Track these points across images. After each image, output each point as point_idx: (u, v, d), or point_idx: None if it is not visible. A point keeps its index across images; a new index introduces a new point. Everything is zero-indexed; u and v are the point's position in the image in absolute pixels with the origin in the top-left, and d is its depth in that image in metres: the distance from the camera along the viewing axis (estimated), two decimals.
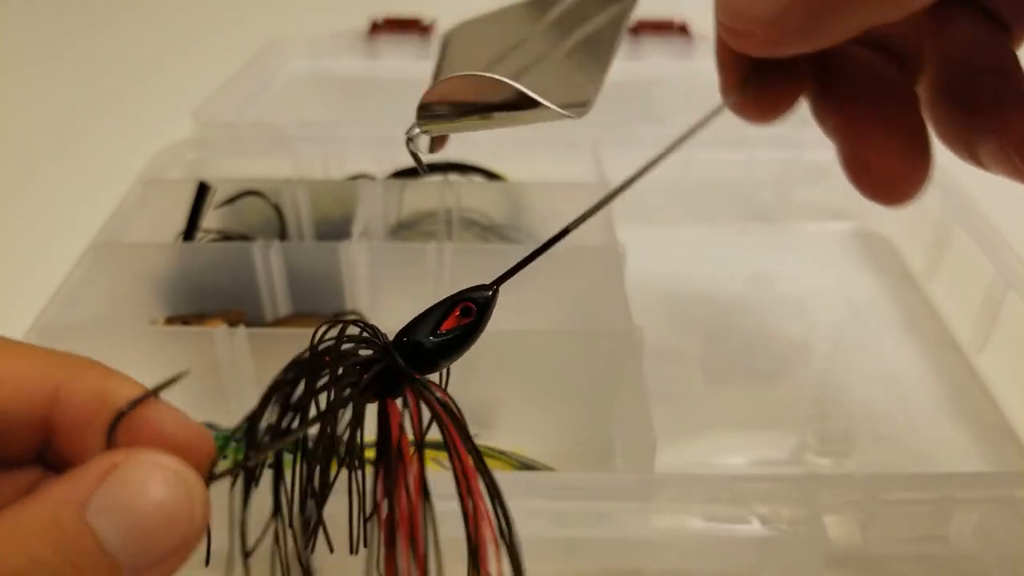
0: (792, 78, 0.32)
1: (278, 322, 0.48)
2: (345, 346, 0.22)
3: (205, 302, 0.47)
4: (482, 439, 0.23)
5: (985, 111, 0.29)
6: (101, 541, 0.18)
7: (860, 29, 0.26)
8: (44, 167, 0.69)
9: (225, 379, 0.41)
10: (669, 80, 0.77)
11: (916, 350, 0.51)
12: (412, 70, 0.79)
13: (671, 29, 0.81)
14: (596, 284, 0.45)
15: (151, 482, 0.19)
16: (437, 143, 0.28)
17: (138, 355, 0.42)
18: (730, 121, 0.33)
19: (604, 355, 0.41)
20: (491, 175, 0.56)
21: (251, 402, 0.21)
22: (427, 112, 0.26)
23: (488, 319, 0.24)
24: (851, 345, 0.52)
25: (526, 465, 0.39)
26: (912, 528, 0.34)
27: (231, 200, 0.51)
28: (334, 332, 0.23)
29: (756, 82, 0.31)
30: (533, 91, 0.24)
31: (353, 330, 0.23)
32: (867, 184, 0.30)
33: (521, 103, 0.25)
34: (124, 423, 0.20)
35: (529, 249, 0.25)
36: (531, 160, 0.57)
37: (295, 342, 0.23)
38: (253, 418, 0.21)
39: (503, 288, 0.24)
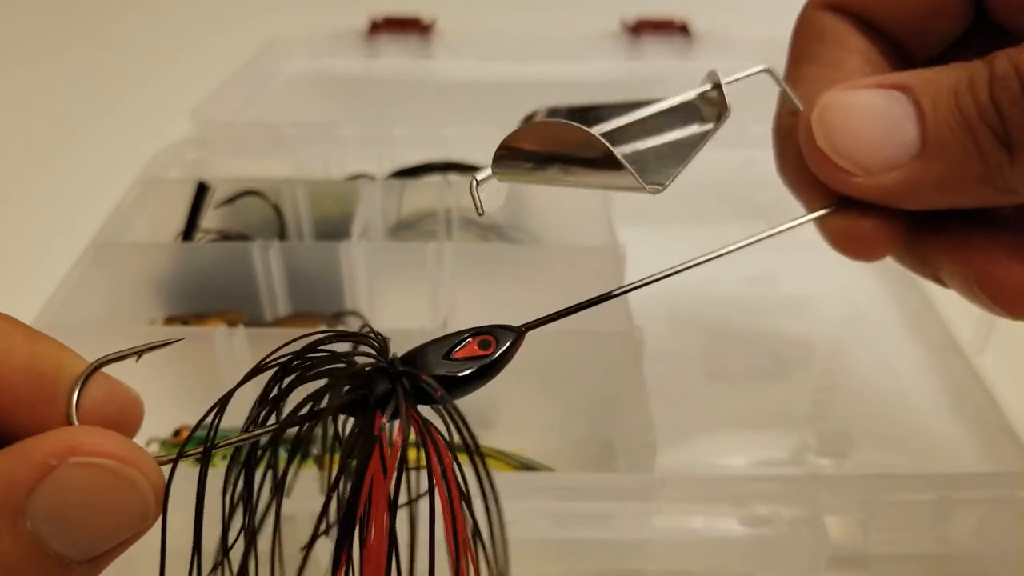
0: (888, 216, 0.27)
1: (277, 322, 0.48)
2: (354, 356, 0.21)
3: (205, 302, 0.47)
4: (482, 439, 0.22)
5: (957, 234, 0.27)
6: (46, 544, 0.17)
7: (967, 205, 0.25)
8: (44, 167, 0.69)
9: (224, 379, 0.41)
10: (669, 80, 0.77)
11: (917, 350, 0.51)
12: (412, 70, 0.79)
13: (671, 29, 0.81)
14: (596, 284, 0.45)
15: (95, 485, 0.17)
16: (495, 196, 0.27)
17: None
18: (730, 121, 0.33)
19: (604, 355, 0.41)
20: None
21: (251, 403, 0.21)
22: (504, 157, 0.24)
23: (508, 360, 0.22)
24: (852, 345, 0.52)
25: (526, 465, 0.39)
26: (912, 528, 0.34)
27: (231, 200, 0.51)
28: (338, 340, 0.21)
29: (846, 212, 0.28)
30: (618, 154, 0.24)
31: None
32: (1012, 301, 0.26)
33: (604, 162, 0.24)
34: (60, 395, 0.19)
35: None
36: None
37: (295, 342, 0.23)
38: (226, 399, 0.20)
39: (505, 285, 0.23)
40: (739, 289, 0.56)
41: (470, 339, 0.22)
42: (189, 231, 0.50)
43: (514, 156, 0.24)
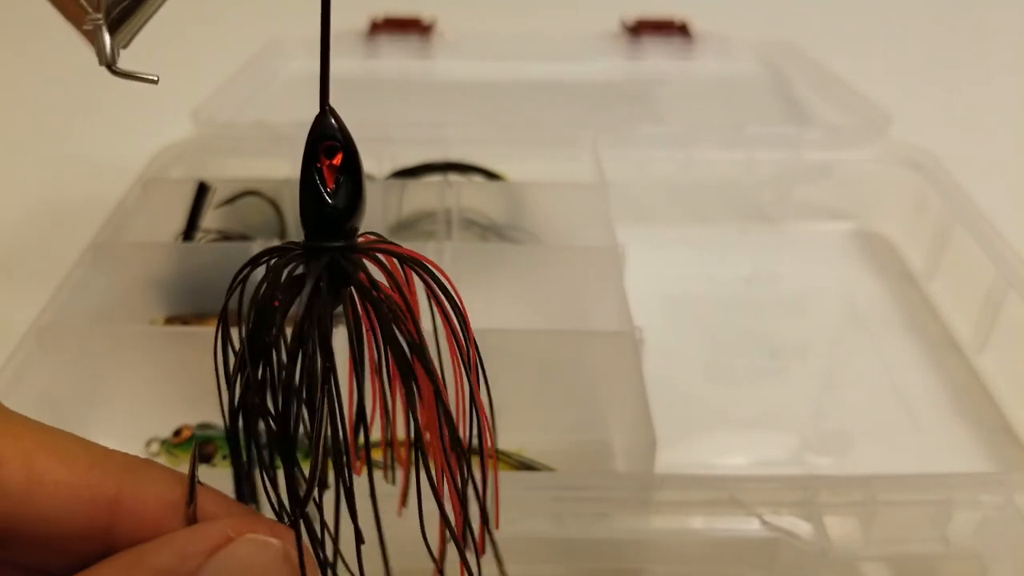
0: None
1: None
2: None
3: (205, 302, 0.47)
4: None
5: None
6: None
7: None
8: (44, 167, 0.69)
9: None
10: (669, 80, 0.77)
11: (916, 350, 0.51)
12: (412, 70, 0.79)
13: (671, 29, 0.81)
14: (596, 284, 0.45)
15: (261, 562, 0.19)
16: (120, 35, 0.26)
17: (138, 355, 0.42)
18: (730, 121, 0.33)
19: (604, 355, 0.41)
20: (491, 175, 0.56)
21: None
22: (116, 24, 0.24)
23: (352, 140, 0.22)
24: (851, 345, 0.52)
25: (526, 465, 0.39)
26: (912, 528, 0.34)
27: (231, 200, 0.51)
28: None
29: None
30: None
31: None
32: None
33: None
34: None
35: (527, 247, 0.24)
36: (531, 160, 0.57)
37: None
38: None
39: (505, 285, 0.23)
40: (739, 289, 0.56)
41: (319, 162, 0.21)
42: (189, 231, 0.50)
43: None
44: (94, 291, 0.44)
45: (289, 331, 0.20)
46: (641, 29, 0.80)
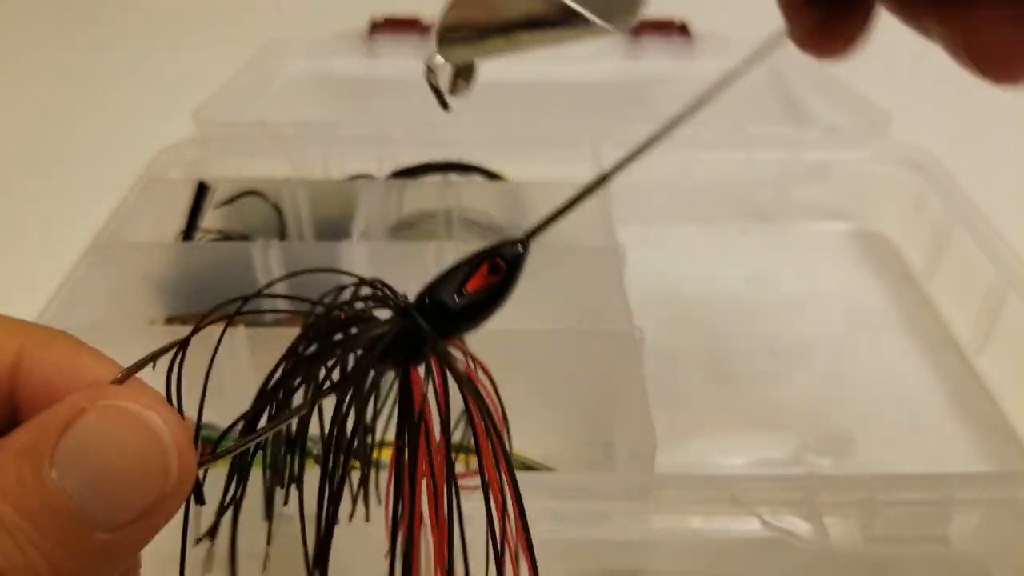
0: None
1: (278, 322, 0.48)
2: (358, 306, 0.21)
3: (205, 302, 0.47)
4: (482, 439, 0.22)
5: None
6: (69, 498, 0.16)
7: None
8: (45, 167, 0.69)
9: (224, 379, 0.41)
10: (669, 80, 0.77)
11: (916, 350, 0.51)
12: (412, 70, 0.79)
13: (671, 29, 0.81)
14: (596, 284, 0.45)
15: (119, 429, 0.17)
16: (462, 79, 0.25)
17: (138, 355, 0.42)
18: (731, 121, 0.33)
19: (604, 355, 0.41)
20: (491, 175, 0.56)
21: (250, 401, 0.21)
22: (447, 38, 0.23)
23: (518, 278, 0.21)
24: (851, 345, 0.52)
25: (527, 466, 0.39)
26: (913, 528, 0.34)
27: (231, 200, 0.51)
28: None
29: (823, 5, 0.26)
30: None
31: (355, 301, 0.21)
32: (994, 66, 0.25)
33: (552, 16, 0.21)
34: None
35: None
36: (531, 160, 0.57)
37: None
38: (261, 399, 0.20)
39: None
40: (739, 289, 0.56)
41: (479, 267, 0.21)
42: (189, 231, 0.50)
43: (457, 32, 0.23)
44: (94, 291, 0.44)
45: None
46: (641, 29, 0.80)
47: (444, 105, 0.23)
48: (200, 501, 0.19)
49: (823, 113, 0.68)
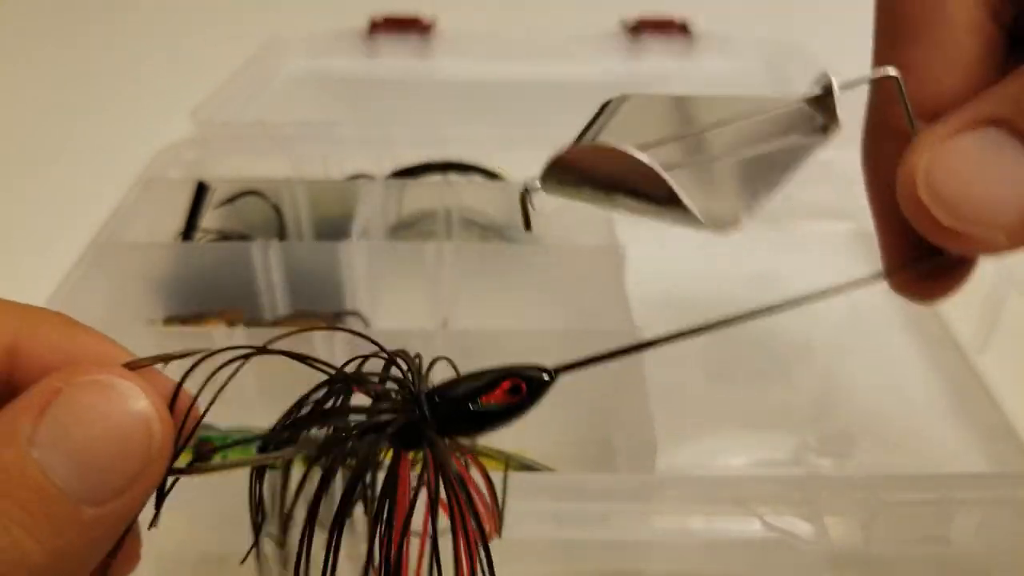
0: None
1: (277, 322, 0.48)
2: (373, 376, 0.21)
3: (204, 302, 0.47)
4: (483, 439, 0.22)
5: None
6: (51, 477, 0.16)
7: None
8: (44, 167, 0.69)
9: (223, 379, 0.41)
10: (669, 80, 0.77)
11: (916, 350, 0.51)
12: (412, 70, 0.79)
13: (671, 29, 0.81)
14: (596, 284, 0.45)
15: (97, 404, 0.17)
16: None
17: (137, 355, 0.42)
18: None
19: None
20: (491, 175, 0.56)
21: (250, 402, 0.21)
22: (554, 171, 0.23)
23: (536, 404, 0.22)
24: (852, 345, 0.52)
25: (526, 466, 0.39)
26: (913, 529, 0.34)
27: (230, 200, 0.51)
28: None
29: (926, 262, 0.26)
30: (681, 190, 0.21)
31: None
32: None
33: (662, 197, 0.22)
34: None
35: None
36: (531, 160, 0.57)
37: (294, 342, 0.23)
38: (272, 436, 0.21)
39: (505, 285, 0.23)
40: (739, 289, 0.56)
41: (500, 383, 0.21)
42: (189, 231, 0.50)
43: (565, 173, 0.23)
44: (94, 291, 0.44)
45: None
46: (641, 29, 0.80)
47: (528, 226, 0.24)
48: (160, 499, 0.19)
49: None
